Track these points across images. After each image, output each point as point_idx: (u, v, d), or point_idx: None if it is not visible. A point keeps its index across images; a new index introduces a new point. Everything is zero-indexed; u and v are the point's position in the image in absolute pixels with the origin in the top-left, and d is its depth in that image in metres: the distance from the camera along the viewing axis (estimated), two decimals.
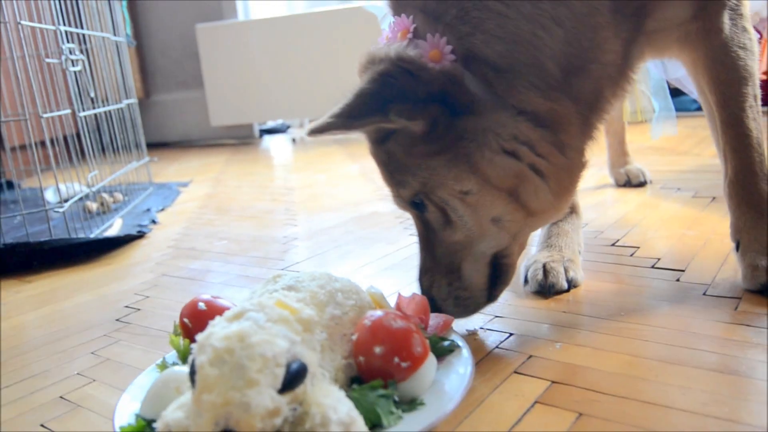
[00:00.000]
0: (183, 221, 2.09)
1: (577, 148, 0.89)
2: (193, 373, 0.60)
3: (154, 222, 2.08)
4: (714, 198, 1.64)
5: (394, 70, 0.82)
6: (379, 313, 0.74)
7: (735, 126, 1.05)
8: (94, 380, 0.96)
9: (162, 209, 2.29)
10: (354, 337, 0.72)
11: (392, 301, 0.86)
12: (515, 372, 0.84)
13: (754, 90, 1.06)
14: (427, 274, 0.95)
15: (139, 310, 1.25)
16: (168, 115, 4.79)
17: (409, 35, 0.87)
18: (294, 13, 4.36)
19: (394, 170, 0.91)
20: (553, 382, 0.80)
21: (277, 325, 0.63)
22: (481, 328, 0.99)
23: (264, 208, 2.19)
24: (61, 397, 0.91)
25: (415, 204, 0.92)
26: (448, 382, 0.73)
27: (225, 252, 1.64)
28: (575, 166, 0.90)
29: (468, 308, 0.94)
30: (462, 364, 0.76)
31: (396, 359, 0.69)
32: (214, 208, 2.26)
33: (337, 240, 1.64)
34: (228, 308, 0.85)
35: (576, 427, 0.70)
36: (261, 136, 4.84)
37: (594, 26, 0.86)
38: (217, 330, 0.62)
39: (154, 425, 0.64)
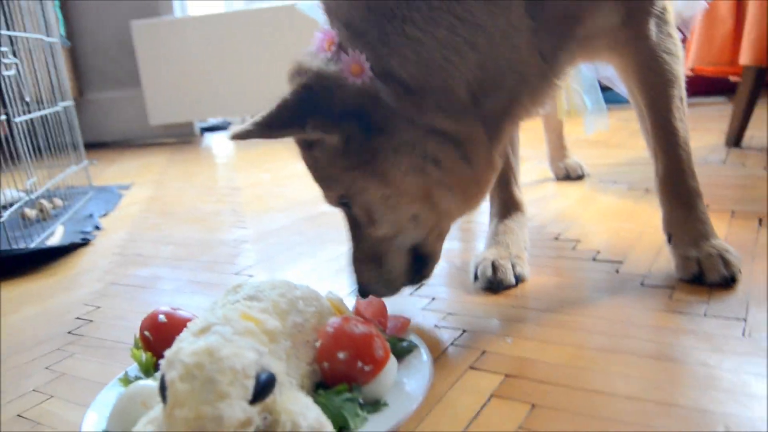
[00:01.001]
0: (127, 226, 2.05)
1: (485, 158, 0.93)
2: (163, 389, 0.61)
3: (97, 228, 2.04)
4: (647, 190, 1.73)
5: (315, 84, 0.87)
6: (340, 319, 0.76)
7: (663, 127, 1.13)
8: (51, 396, 0.95)
9: (105, 214, 2.25)
10: (317, 344, 0.75)
11: (350, 304, 0.89)
12: (470, 368, 0.88)
13: (680, 92, 1.13)
14: (356, 263, 1.01)
15: (90, 321, 1.24)
16: (104, 115, 4.65)
17: (334, 47, 0.90)
18: (232, 10, 4.31)
19: (320, 174, 0.98)
20: (506, 375, 0.85)
21: (244, 338, 0.65)
22: (435, 325, 1.03)
23: (210, 210, 2.18)
24: (18, 415, 0.89)
25: (342, 203, 0.98)
26: (409, 382, 0.77)
27: (173, 257, 1.63)
28: (483, 174, 0.95)
29: (391, 289, 1.01)
30: (421, 364, 0.80)
31: (359, 363, 0.72)
32: (158, 212, 2.23)
33: (287, 242, 1.65)
34: (189, 319, 0.86)
35: (530, 419, 0.74)
36: (202, 134, 4.76)
37: (512, 47, 0.91)
38: (185, 345, 0.63)
39: None
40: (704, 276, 1.06)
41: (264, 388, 0.62)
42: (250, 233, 1.79)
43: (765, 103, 2.46)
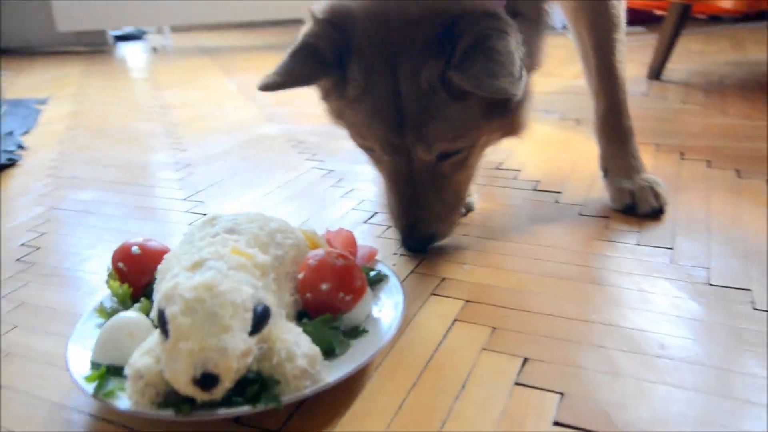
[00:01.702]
0: (55, 145, 1.96)
1: None
2: (163, 323, 0.64)
3: (21, 147, 1.94)
4: (578, 121, 1.83)
5: (507, 29, 0.87)
6: (321, 252, 0.80)
7: (607, 69, 1.20)
8: (15, 326, 0.94)
9: (26, 132, 2.13)
10: (300, 276, 0.79)
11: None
12: (433, 294, 0.95)
13: (623, 36, 1.20)
14: (434, 221, 1.01)
15: (38, 248, 1.21)
16: (3, 18, 4.27)
17: None
18: None
19: (457, 125, 0.92)
20: (466, 301, 0.92)
21: (239, 272, 0.68)
22: (394, 253, 1.09)
23: (142, 129, 2.11)
24: None
25: (446, 153, 0.95)
26: (383, 309, 0.82)
27: (114, 181, 1.59)
28: None
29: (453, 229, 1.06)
30: (393, 292, 0.86)
31: (341, 294, 0.77)
32: (86, 129, 2.14)
33: (234, 166, 1.65)
34: (163, 250, 0.88)
35: (492, 341, 0.82)
36: (115, 43, 4.49)
37: None
38: (182, 280, 0.65)
39: (124, 372, 0.67)
40: (637, 207, 1.16)
41: (261, 319, 0.66)
42: (192, 156, 1.76)
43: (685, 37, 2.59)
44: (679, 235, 1.08)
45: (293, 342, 0.68)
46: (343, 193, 1.39)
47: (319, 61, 0.90)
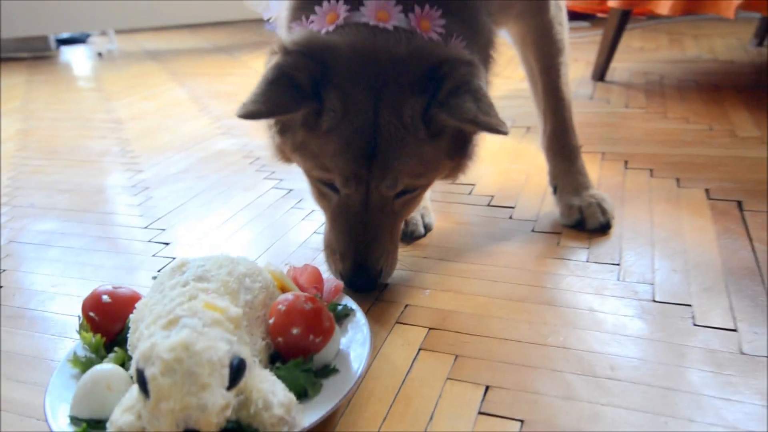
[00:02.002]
0: (6, 169, 1.92)
1: None
2: (143, 383, 0.66)
3: None
4: (528, 129, 1.89)
5: (480, 76, 0.93)
6: (290, 297, 0.83)
7: (553, 92, 1.26)
8: None
9: None
10: (271, 321, 0.82)
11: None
12: (397, 322, 0.99)
13: (567, 59, 1.27)
14: (375, 255, 1.01)
15: (0, 287, 1.21)
16: None
17: (438, 29, 0.94)
18: None
19: (423, 161, 0.96)
20: (429, 328, 0.97)
21: (213, 329, 0.71)
22: None
23: (97, 148, 2.08)
24: None
25: (400, 192, 0.99)
26: (351, 345, 0.86)
27: (72, 208, 1.58)
28: None
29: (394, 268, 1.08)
30: (359, 327, 0.90)
31: (311, 336, 0.80)
32: (37, 150, 2.10)
33: (191, 188, 1.65)
34: (133, 297, 0.90)
35: (455, 369, 0.87)
36: (58, 47, 4.37)
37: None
38: (159, 341, 0.68)
39: (106, 427, 0.69)
40: (585, 222, 1.23)
41: (237, 373, 0.69)
42: (149, 178, 1.76)
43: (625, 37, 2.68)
44: (625, 249, 1.15)
45: (269, 391, 0.71)
46: (304, 215, 1.42)
47: (297, 91, 0.91)
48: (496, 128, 0.87)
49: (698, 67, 2.49)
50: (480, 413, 0.79)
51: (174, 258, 1.27)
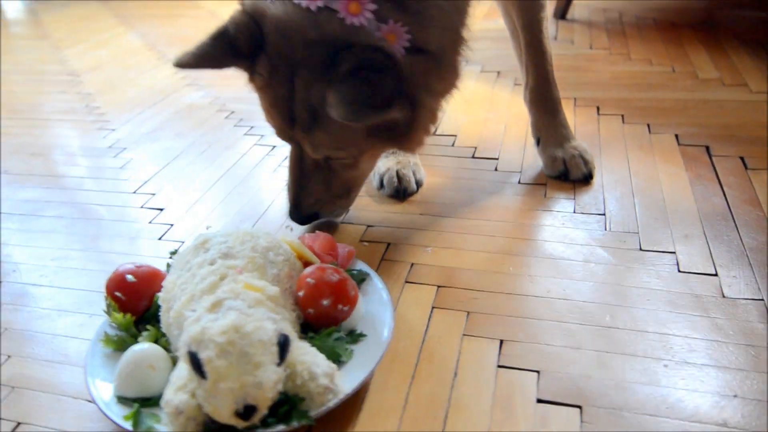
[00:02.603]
0: None
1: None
2: (197, 365, 0.70)
3: None
4: (499, 73, 1.93)
5: (388, 63, 0.93)
6: (316, 270, 0.87)
7: (535, 46, 1.30)
8: (9, 356, 0.96)
9: None
10: (300, 294, 0.86)
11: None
12: (407, 282, 1.05)
13: (546, 14, 1.31)
14: (317, 203, 1.14)
15: None
16: None
17: (368, 14, 0.93)
18: None
19: (337, 138, 1.02)
20: (438, 286, 1.03)
21: (258, 309, 0.75)
22: (360, 241, 1.17)
23: (59, 105, 2.01)
24: None
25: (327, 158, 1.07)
26: (374, 309, 0.92)
27: (51, 174, 1.55)
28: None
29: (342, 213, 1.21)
30: (377, 291, 0.95)
31: (339, 306, 0.85)
32: None
33: (171, 148, 1.63)
34: (155, 273, 0.92)
35: (470, 325, 0.94)
36: None
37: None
38: (208, 325, 0.71)
39: (161, 407, 0.73)
40: (569, 173, 1.29)
41: (284, 349, 0.73)
42: (124, 137, 1.72)
43: None
44: (608, 199, 1.23)
45: (312, 362, 0.76)
46: None
47: (233, 49, 0.98)
48: (345, 118, 0.93)
49: (655, 4, 2.55)
50: (499, 366, 0.86)
51: (172, 225, 1.28)
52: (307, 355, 0.77)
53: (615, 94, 1.71)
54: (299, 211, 1.14)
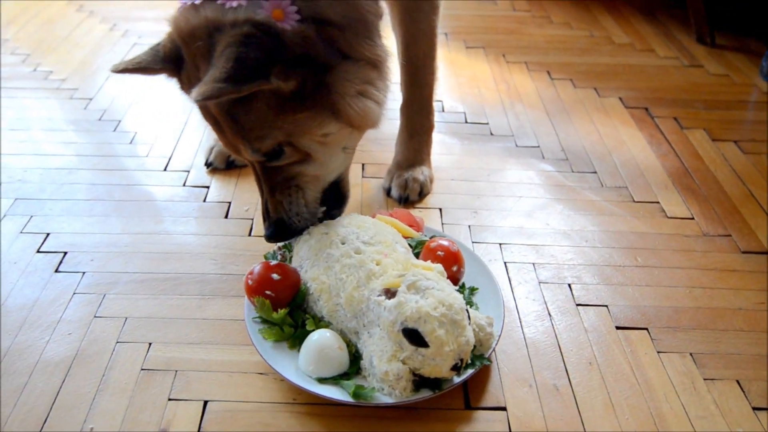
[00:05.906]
0: None
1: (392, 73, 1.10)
2: (418, 337, 0.88)
3: None
4: (446, 35, 2.12)
5: (258, 34, 0.90)
6: (440, 244, 1.07)
7: (412, 72, 1.37)
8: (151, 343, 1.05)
9: None
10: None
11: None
12: (473, 242, 1.27)
13: (435, 41, 1.35)
14: (276, 210, 1.08)
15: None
16: None
17: None
18: None
19: (252, 127, 0.98)
20: (534, 263, 1.27)
21: (441, 283, 0.94)
22: (414, 206, 1.36)
23: (20, 71, 1.86)
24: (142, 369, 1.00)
25: (273, 153, 1.01)
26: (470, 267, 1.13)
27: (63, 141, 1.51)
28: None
29: (311, 221, 1.11)
30: (466, 251, 1.16)
31: (462, 270, 1.08)
32: None
33: (163, 110, 1.65)
34: (287, 268, 1.05)
35: (576, 295, 1.20)
36: None
37: None
38: (420, 302, 0.89)
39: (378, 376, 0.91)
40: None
41: (468, 312, 0.94)
42: (110, 107, 1.69)
43: None
44: (593, 159, 1.52)
45: (476, 316, 0.98)
46: None
47: (159, 57, 1.01)
48: (196, 96, 0.86)
49: None
50: (577, 305, 1.13)
51: (208, 187, 1.40)
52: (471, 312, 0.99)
53: (556, 58, 2.00)
54: (273, 229, 1.08)
